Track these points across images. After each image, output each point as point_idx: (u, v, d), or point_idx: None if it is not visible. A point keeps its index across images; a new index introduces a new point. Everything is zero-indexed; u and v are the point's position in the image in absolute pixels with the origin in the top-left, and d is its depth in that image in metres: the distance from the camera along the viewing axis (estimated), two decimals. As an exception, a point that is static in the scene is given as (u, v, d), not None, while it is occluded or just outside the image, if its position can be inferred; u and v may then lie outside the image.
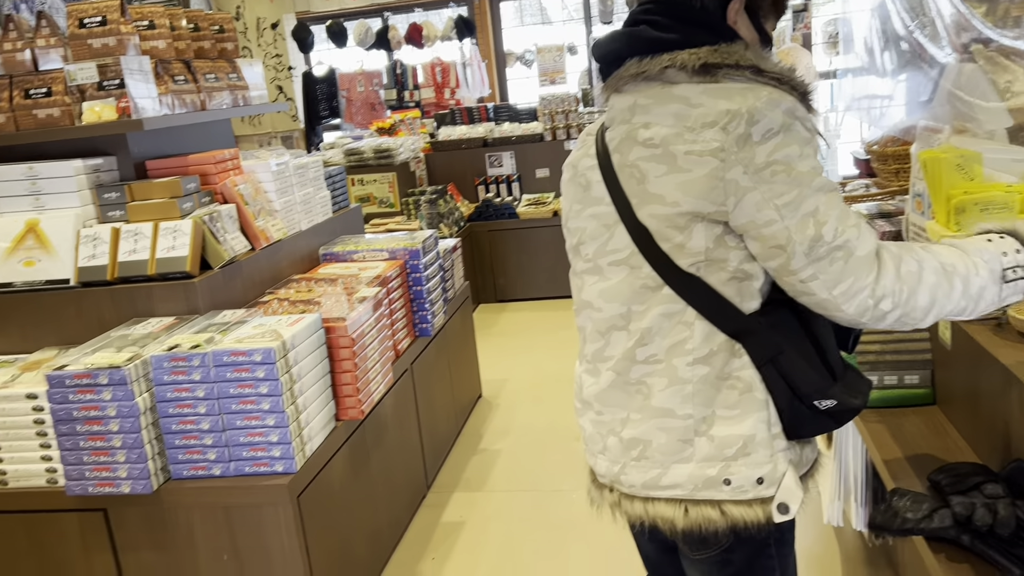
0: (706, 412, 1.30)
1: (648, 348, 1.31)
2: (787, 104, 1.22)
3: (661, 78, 1.29)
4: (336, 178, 3.69)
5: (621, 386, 1.36)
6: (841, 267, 1.20)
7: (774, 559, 1.41)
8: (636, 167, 1.29)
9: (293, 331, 2.34)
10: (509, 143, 6.15)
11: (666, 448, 1.32)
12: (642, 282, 1.31)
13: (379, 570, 2.85)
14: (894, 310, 1.22)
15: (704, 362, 1.29)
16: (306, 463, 2.33)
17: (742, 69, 1.26)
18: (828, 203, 1.21)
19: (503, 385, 4.53)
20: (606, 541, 2.90)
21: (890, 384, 2.04)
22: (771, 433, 1.30)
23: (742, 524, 1.31)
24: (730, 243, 1.27)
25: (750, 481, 1.29)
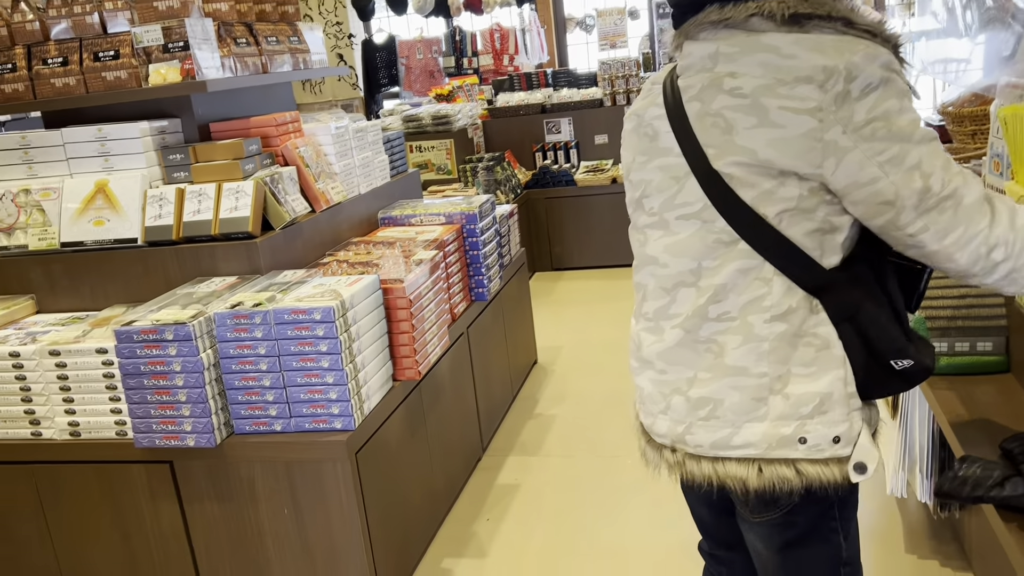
0: (782, 370, 1.27)
1: (722, 305, 1.28)
2: (884, 58, 1.18)
3: (745, 26, 1.24)
4: (395, 143, 3.70)
5: (689, 344, 1.33)
6: (951, 216, 1.17)
7: (837, 522, 1.38)
8: (721, 116, 1.24)
9: (352, 291, 2.36)
10: (567, 109, 6.08)
11: (739, 407, 1.29)
12: (715, 236, 1.27)
13: (435, 529, 2.89)
14: (1006, 261, 1.19)
15: (782, 319, 1.25)
16: (364, 421, 2.37)
17: (833, 20, 1.21)
18: (931, 154, 1.18)
19: (559, 352, 4.52)
20: (664, 507, 2.89)
21: (961, 351, 1.97)
22: (847, 391, 1.27)
23: (818, 483, 1.28)
24: (824, 196, 1.23)
25: (826, 440, 1.27)
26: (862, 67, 1.16)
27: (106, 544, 2.51)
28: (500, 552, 2.75)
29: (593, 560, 2.66)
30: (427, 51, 8.56)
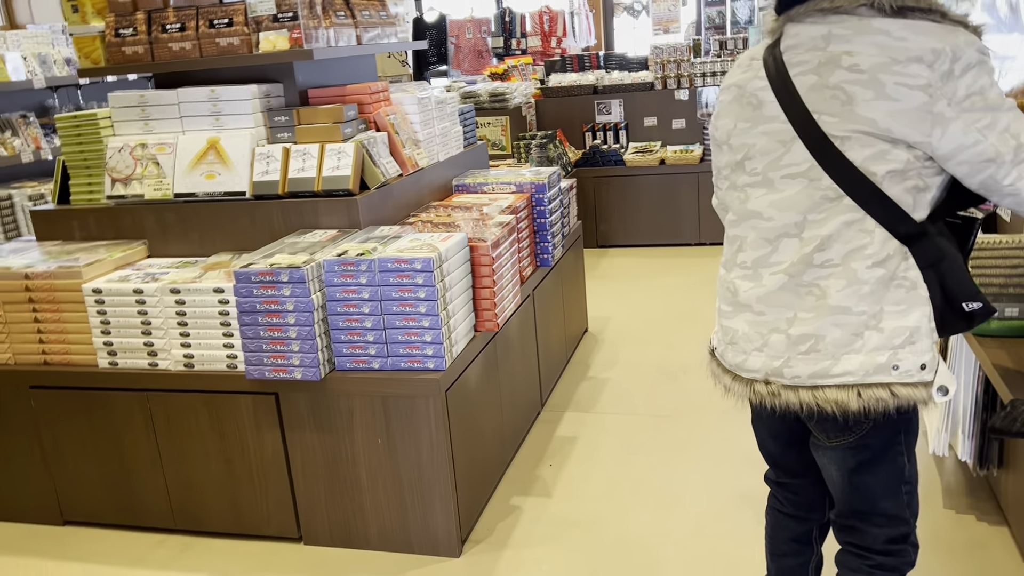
0: (876, 309, 1.49)
1: (826, 253, 1.49)
2: (979, 43, 1.41)
3: (856, 13, 1.46)
4: (467, 115, 3.92)
5: (792, 288, 1.53)
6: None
7: (902, 445, 1.60)
8: (841, 89, 1.44)
9: (446, 246, 2.60)
10: (618, 91, 6.27)
11: (840, 341, 1.51)
12: (822, 193, 1.48)
13: (503, 470, 3.13)
14: None
15: (881, 265, 1.47)
16: (452, 363, 2.60)
17: (932, 13, 1.43)
18: (1017, 118, 1.41)
19: (607, 322, 4.74)
20: (713, 461, 3.11)
21: (1011, 316, 2.16)
22: (931, 326, 1.49)
23: (908, 403, 1.50)
24: (924, 160, 1.45)
25: (916, 366, 1.49)
26: (964, 49, 1.38)
27: (211, 467, 2.77)
28: (562, 493, 2.99)
29: (648, 501, 2.89)
30: (476, 31, 8.75)
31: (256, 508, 2.78)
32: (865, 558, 1.65)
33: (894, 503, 1.61)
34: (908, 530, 1.64)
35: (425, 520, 2.65)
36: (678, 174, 5.94)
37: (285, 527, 2.77)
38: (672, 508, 2.85)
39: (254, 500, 2.77)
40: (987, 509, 2.66)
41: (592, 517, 2.83)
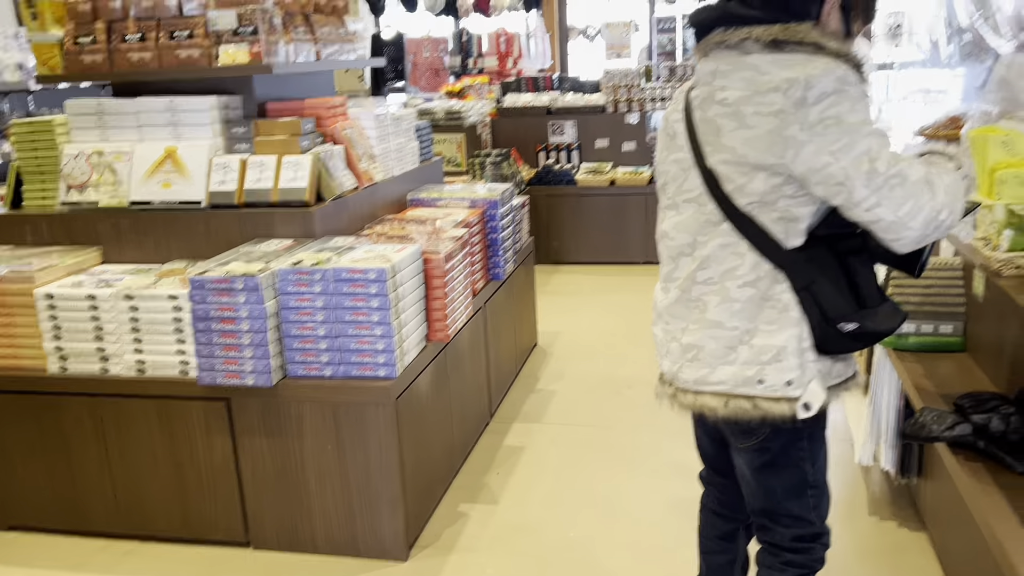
0: (750, 326, 1.60)
1: (707, 272, 1.63)
2: (840, 72, 1.48)
3: (739, 48, 1.57)
4: (423, 132, 4.01)
5: (684, 302, 1.69)
6: (901, 192, 1.47)
7: (806, 452, 1.71)
8: (713, 122, 1.59)
9: (400, 257, 2.68)
10: (572, 113, 6.42)
11: (715, 352, 1.64)
12: (706, 217, 1.62)
13: (451, 478, 3.20)
14: (948, 218, 1.50)
15: (751, 285, 1.59)
16: (403, 372, 2.68)
17: (805, 45, 1.52)
18: (880, 144, 1.48)
19: (556, 337, 4.85)
20: (654, 469, 3.23)
21: (926, 332, 2.33)
22: (801, 346, 1.58)
23: (769, 416, 1.61)
24: (785, 191, 1.55)
25: (780, 382, 1.60)
26: (819, 78, 1.46)
27: (160, 472, 2.80)
28: (509, 500, 3.07)
29: (591, 509, 2.99)
30: (434, 50, 8.87)
31: (204, 513, 2.80)
32: (776, 555, 1.78)
33: (799, 505, 1.73)
34: (815, 531, 1.75)
35: (373, 525, 2.71)
36: (627, 195, 6.10)
37: (233, 532, 2.80)
38: (614, 515, 2.95)
39: (202, 505, 2.80)
40: (907, 516, 2.81)
41: (537, 523, 2.92)
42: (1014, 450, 1.67)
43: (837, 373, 1.64)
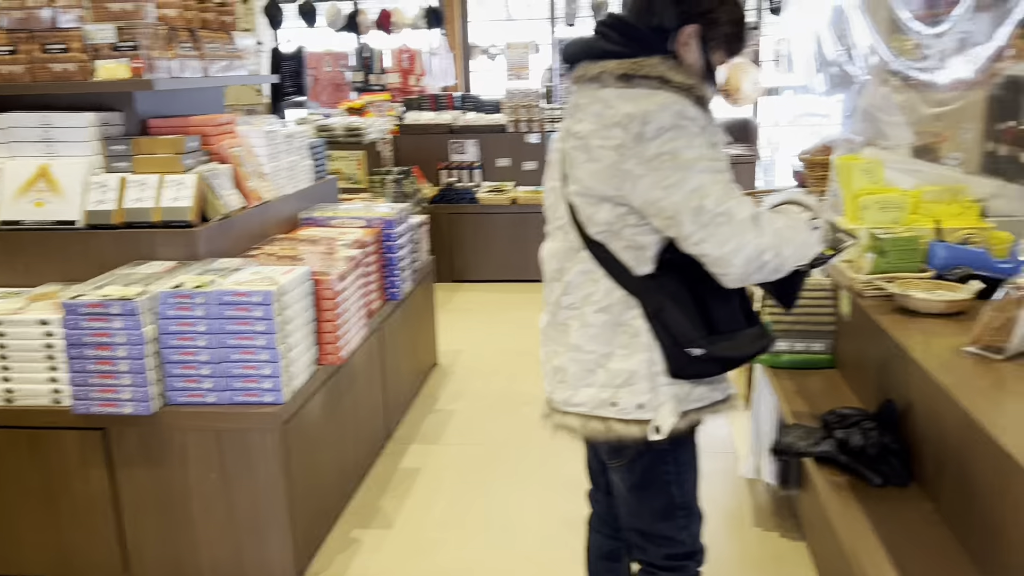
0: (606, 350, 1.65)
1: (570, 297, 1.68)
2: (678, 107, 1.52)
3: (598, 81, 1.61)
4: (317, 150, 3.96)
5: (554, 325, 1.74)
6: (727, 230, 1.50)
7: (671, 473, 1.75)
8: (570, 154, 1.64)
9: (287, 279, 2.62)
10: (473, 132, 6.46)
11: (577, 375, 1.69)
12: (569, 244, 1.67)
13: (344, 503, 3.15)
14: (773, 260, 1.53)
15: (605, 311, 1.64)
16: (291, 397, 2.62)
17: (651, 79, 1.56)
18: (712, 181, 1.51)
19: (457, 356, 4.84)
20: (548, 488, 3.26)
21: (799, 350, 2.43)
22: (652, 371, 1.62)
23: (618, 438, 1.65)
24: (628, 220, 1.59)
25: (632, 405, 1.64)
26: (656, 114, 1.50)
27: (32, 507, 2.64)
28: (403, 524, 3.04)
29: (486, 529, 2.99)
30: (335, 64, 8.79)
31: (80, 548, 2.67)
32: (651, 573, 1.82)
33: (668, 526, 1.77)
34: (687, 550, 1.79)
35: (261, 554, 2.64)
36: (529, 213, 6.16)
37: (111, 567, 2.67)
38: (509, 534, 2.96)
39: (78, 540, 2.66)
40: (789, 527, 2.92)
41: (431, 546, 2.90)
42: (872, 464, 1.77)
43: (698, 397, 1.66)
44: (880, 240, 2.20)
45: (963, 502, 1.54)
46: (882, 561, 1.51)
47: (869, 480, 1.76)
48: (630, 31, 1.60)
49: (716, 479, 3.28)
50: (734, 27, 1.62)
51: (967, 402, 1.51)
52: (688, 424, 1.66)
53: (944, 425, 1.64)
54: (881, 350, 2.02)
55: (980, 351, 1.74)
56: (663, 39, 1.60)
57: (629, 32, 1.60)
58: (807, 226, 1.61)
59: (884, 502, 1.71)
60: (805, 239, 1.59)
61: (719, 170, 1.54)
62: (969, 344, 1.76)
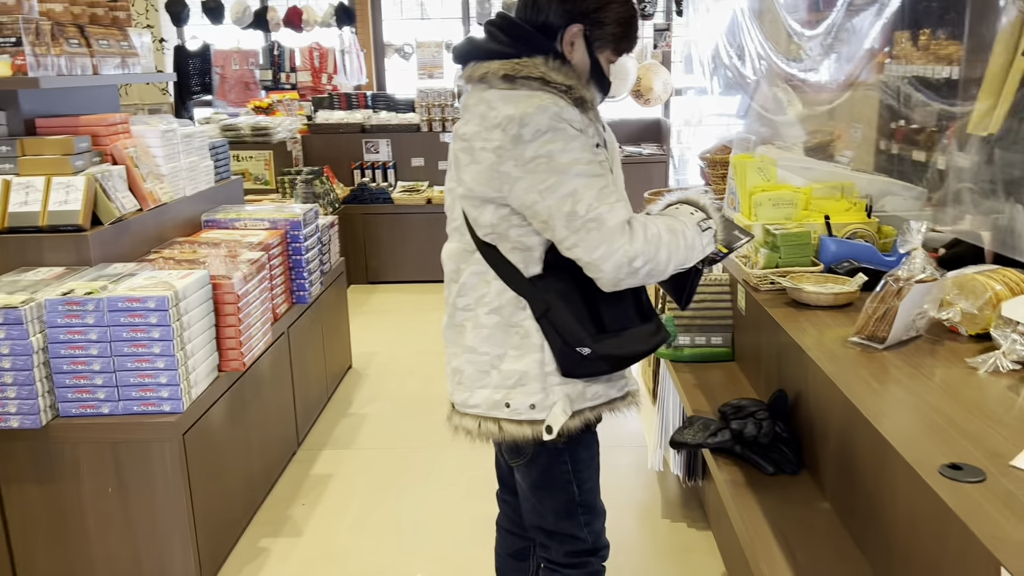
0: (500, 351, 1.65)
1: (465, 299, 1.68)
2: (555, 110, 1.51)
3: (485, 81, 1.61)
4: (219, 150, 3.85)
5: (451, 326, 1.74)
6: (597, 235, 1.48)
7: (570, 474, 1.76)
8: (456, 156, 1.64)
9: (184, 283, 2.54)
10: (386, 131, 6.40)
11: (473, 376, 1.69)
12: (464, 246, 1.67)
13: (253, 511, 3.07)
14: (645, 266, 1.51)
15: (496, 312, 1.64)
16: (191, 405, 2.54)
17: (532, 80, 1.56)
18: (586, 185, 1.50)
19: (372, 358, 4.79)
20: (461, 489, 3.25)
21: (700, 344, 2.49)
22: (543, 371, 1.63)
23: (512, 439, 1.65)
24: (513, 221, 1.59)
25: (524, 406, 1.65)
26: (533, 116, 1.49)
27: (-91, 531, 2.49)
28: (314, 532, 2.99)
29: (398, 532, 2.96)
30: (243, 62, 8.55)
31: (-36, 573, 2.53)
32: (554, 570, 1.83)
33: (570, 524, 1.78)
34: (588, 547, 1.81)
35: (163, 568, 2.55)
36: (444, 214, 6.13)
37: (0, 591, 2.55)
38: (422, 536, 2.94)
39: (-38, 564, 2.52)
40: (696, 517, 3.00)
41: (342, 553, 2.85)
42: (765, 453, 1.82)
43: (592, 395, 1.67)
44: (773, 236, 2.27)
45: (847, 487, 1.60)
46: (772, 547, 1.56)
47: (762, 469, 1.82)
48: (516, 31, 1.60)
49: (627, 473, 3.34)
50: (621, 27, 1.63)
51: (848, 390, 1.57)
52: (582, 423, 1.66)
53: (830, 413, 1.70)
54: (774, 342, 2.09)
55: (863, 341, 1.81)
56: (550, 38, 1.60)
57: (515, 32, 1.60)
58: (695, 228, 1.60)
59: (776, 490, 1.77)
60: (689, 242, 1.57)
61: (595, 174, 1.52)
62: (853, 335, 1.84)
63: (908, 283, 1.75)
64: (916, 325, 1.82)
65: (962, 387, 1.56)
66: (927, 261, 1.78)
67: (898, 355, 1.74)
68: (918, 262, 1.78)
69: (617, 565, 2.69)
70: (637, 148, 7.00)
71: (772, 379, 2.11)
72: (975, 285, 1.80)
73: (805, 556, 1.53)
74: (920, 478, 1.26)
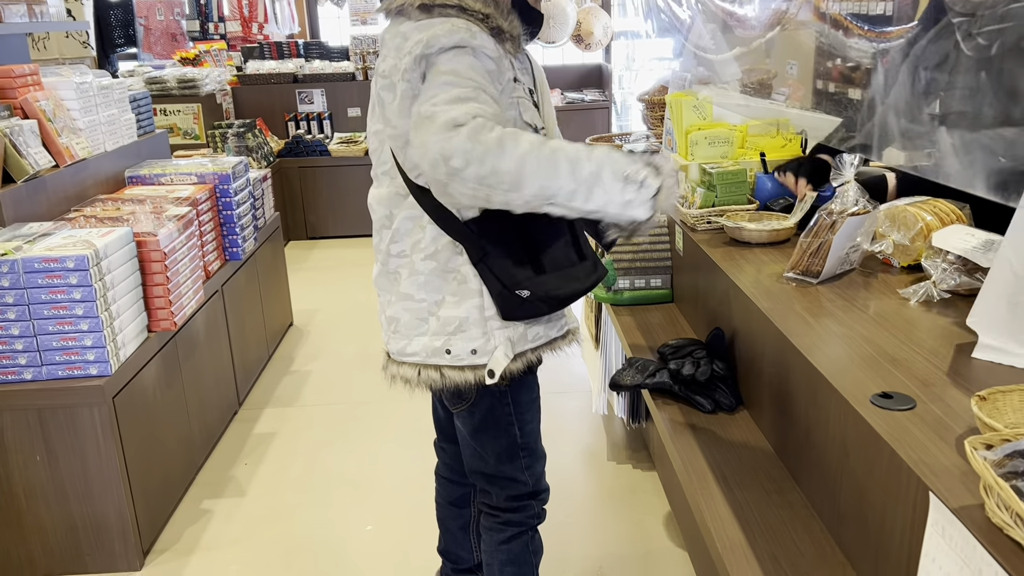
0: (437, 297, 1.61)
1: (399, 244, 1.62)
2: (466, 34, 1.43)
3: (403, 14, 1.53)
4: (141, 103, 3.68)
5: (385, 274, 1.68)
6: (424, 131, 1.36)
7: (512, 416, 1.74)
8: (380, 96, 1.56)
9: (106, 241, 2.43)
10: (320, 81, 6.20)
11: (410, 324, 1.64)
12: (396, 190, 1.60)
13: (194, 473, 3.01)
14: (468, 168, 1.33)
15: (432, 258, 1.59)
16: (120, 367, 2.45)
17: (448, 8, 1.48)
18: (447, 91, 1.38)
19: (314, 315, 4.71)
20: (404, 443, 3.23)
21: (640, 287, 2.48)
22: (484, 316, 1.60)
23: (455, 385, 1.62)
24: None
25: (466, 352, 1.61)
26: (440, 37, 1.42)
27: None
28: (257, 491, 2.94)
29: (344, 487, 2.93)
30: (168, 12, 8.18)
31: None
32: (495, 516, 1.83)
33: (511, 467, 1.77)
34: (529, 490, 1.80)
35: (99, 537, 2.48)
36: (383, 164, 6.02)
37: (-73, 567, 2.46)
38: (366, 490, 2.92)
39: None
40: (641, 458, 3.03)
41: (287, 511, 2.82)
42: (703, 391, 1.83)
43: (533, 336, 1.65)
44: (709, 175, 2.25)
45: (782, 421, 1.61)
46: (711, 485, 1.57)
47: (700, 407, 1.82)
48: None
49: (573, 417, 3.35)
50: None
51: (783, 325, 1.57)
52: (524, 364, 1.64)
53: (765, 349, 1.71)
54: (711, 281, 2.08)
55: (798, 276, 1.81)
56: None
57: None
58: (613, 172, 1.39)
59: (715, 427, 1.77)
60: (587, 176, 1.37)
61: (466, 87, 1.40)
62: (788, 270, 1.83)
63: (841, 216, 1.75)
64: (850, 259, 1.83)
65: (894, 318, 1.57)
66: (860, 194, 1.78)
67: (832, 289, 1.75)
68: (851, 195, 1.78)
69: (564, 509, 2.71)
70: (579, 94, 6.92)
71: (710, 318, 2.11)
72: (906, 217, 1.81)
73: (743, 492, 1.54)
74: (852, 408, 1.27)
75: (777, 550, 1.38)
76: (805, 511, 1.47)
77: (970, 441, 1.01)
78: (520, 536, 1.83)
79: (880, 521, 1.21)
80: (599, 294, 2.52)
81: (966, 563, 0.98)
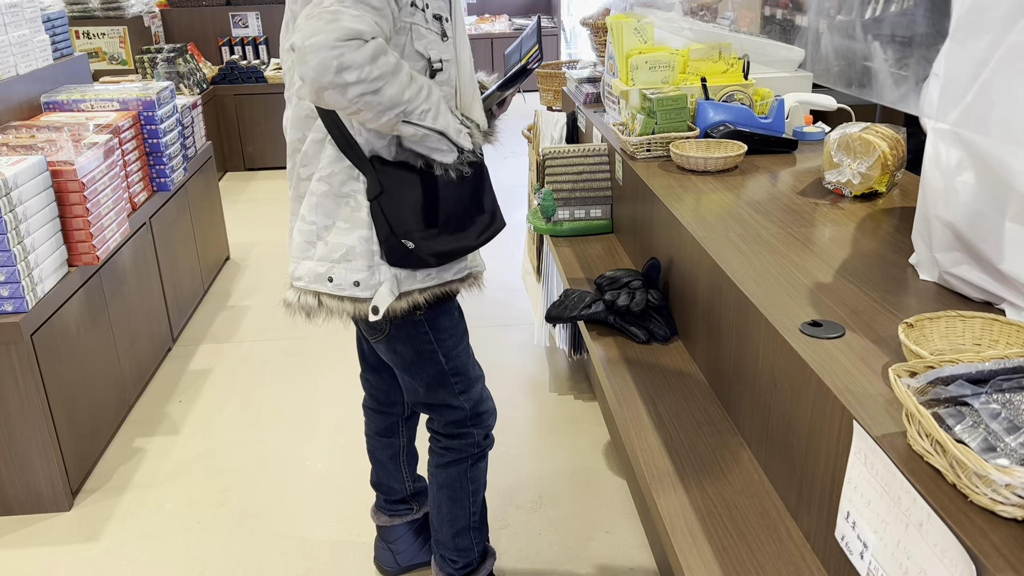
0: (328, 222, 1.54)
1: (307, 168, 1.55)
2: None
3: None
4: (56, 23, 3.45)
5: (294, 197, 1.62)
6: (323, 24, 1.27)
7: (434, 343, 1.69)
8: (293, 12, 1.47)
9: (16, 171, 2.29)
10: (254, 3, 5.92)
11: (299, 247, 1.59)
12: (306, 112, 1.52)
13: (125, 412, 2.93)
14: (357, 84, 1.29)
15: (325, 181, 1.53)
16: (38, 303, 2.34)
17: None
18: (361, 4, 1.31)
19: (252, 248, 4.58)
20: (347, 377, 3.18)
21: (580, 217, 2.43)
22: (371, 248, 1.53)
23: (327, 312, 1.56)
24: None
25: (348, 282, 1.55)
26: None
27: None
28: (192, 428, 2.88)
29: (281, 422, 2.89)
30: (92, -72, 7.69)
31: None
32: (437, 440, 1.82)
33: (444, 393, 1.74)
34: (466, 415, 1.78)
35: (25, 478, 2.41)
36: (323, 92, 5.81)
37: None
38: (304, 425, 2.88)
39: None
40: (582, 389, 3.03)
41: (223, 447, 2.76)
42: (638, 322, 1.80)
43: (424, 276, 1.59)
44: (649, 101, 2.19)
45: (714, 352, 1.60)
46: (642, 415, 1.55)
47: (635, 338, 1.80)
48: None
49: (517, 350, 3.34)
50: None
51: (716, 254, 1.54)
52: (409, 305, 1.57)
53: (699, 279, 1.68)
54: (649, 211, 2.04)
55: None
56: None
57: None
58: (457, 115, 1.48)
59: (649, 358, 1.75)
60: (435, 100, 1.42)
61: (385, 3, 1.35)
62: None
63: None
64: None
65: (830, 246, 1.55)
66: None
67: (771, 218, 1.72)
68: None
69: (506, 440, 2.71)
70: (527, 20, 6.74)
71: (648, 249, 2.07)
72: (863, 145, 1.77)
73: (673, 424, 1.53)
74: (781, 337, 1.25)
75: (704, 479, 1.37)
76: (735, 440, 1.46)
77: (894, 369, 0.99)
78: (459, 463, 1.82)
79: (805, 449, 1.20)
80: (538, 225, 2.47)
81: (886, 490, 0.97)
